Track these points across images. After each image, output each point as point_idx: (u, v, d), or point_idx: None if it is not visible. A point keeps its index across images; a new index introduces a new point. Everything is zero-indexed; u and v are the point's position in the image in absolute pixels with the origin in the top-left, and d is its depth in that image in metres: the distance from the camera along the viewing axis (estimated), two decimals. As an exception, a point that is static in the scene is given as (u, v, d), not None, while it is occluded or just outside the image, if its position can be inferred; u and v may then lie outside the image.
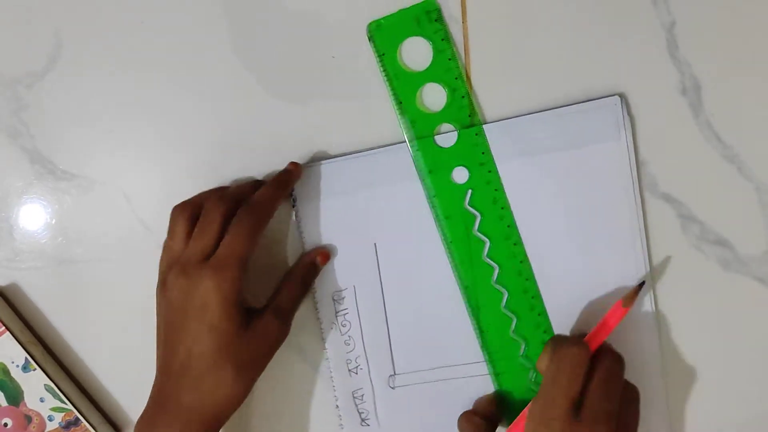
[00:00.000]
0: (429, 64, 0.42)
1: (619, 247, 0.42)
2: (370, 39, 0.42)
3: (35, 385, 0.45)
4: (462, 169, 0.42)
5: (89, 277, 0.46)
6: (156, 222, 0.45)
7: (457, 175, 0.42)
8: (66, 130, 0.45)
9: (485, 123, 0.42)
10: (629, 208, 0.41)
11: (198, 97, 0.44)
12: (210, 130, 0.44)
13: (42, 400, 0.45)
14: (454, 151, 0.42)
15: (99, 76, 0.44)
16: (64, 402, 0.45)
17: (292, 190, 0.43)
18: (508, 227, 0.42)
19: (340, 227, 0.44)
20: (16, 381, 0.45)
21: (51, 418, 0.46)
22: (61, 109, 0.45)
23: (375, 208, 0.43)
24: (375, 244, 0.43)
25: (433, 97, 0.42)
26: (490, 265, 0.42)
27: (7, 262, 0.47)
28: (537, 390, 0.38)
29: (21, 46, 0.45)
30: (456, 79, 0.42)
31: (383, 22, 0.42)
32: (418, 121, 0.42)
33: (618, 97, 0.41)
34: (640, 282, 0.40)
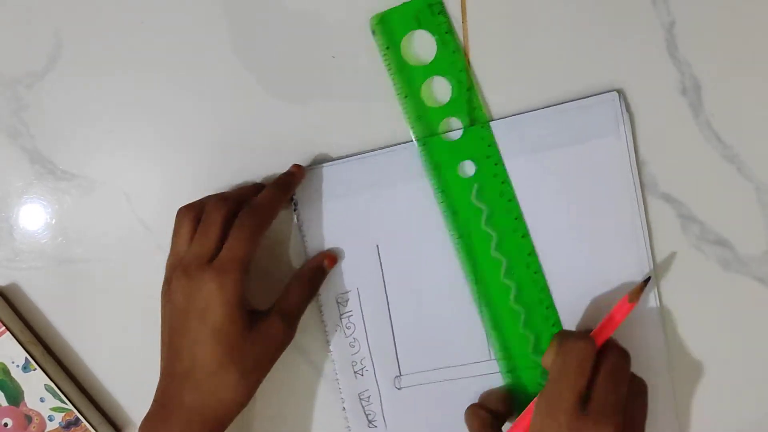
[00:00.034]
0: (433, 57, 0.42)
1: (622, 242, 0.42)
2: (373, 32, 0.42)
3: (35, 385, 0.45)
4: (469, 163, 0.42)
5: (89, 277, 0.46)
6: (156, 222, 0.45)
7: (463, 169, 0.42)
8: (66, 130, 0.45)
9: (488, 119, 0.42)
10: (630, 204, 0.41)
11: (198, 97, 0.44)
12: (210, 130, 0.44)
13: (42, 400, 0.45)
14: (461, 145, 0.42)
15: (99, 76, 0.44)
16: (65, 402, 0.45)
17: (293, 193, 0.43)
18: (516, 219, 0.42)
19: (342, 230, 0.44)
20: (16, 381, 0.45)
21: (51, 418, 0.46)
22: (61, 109, 0.45)
23: (376, 210, 0.43)
24: (377, 246, 0.43)
25: (438, 90, 0.42)
26: (498, 259, 0.42)
27: (7, 262, 0.47)
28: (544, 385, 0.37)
29: (21, 46, 0.45)
30: (461, 71, 0.42)
31: (386, 15, 0.42)
32: (424, 115, 0.42)
33: (616, 92, 0.41)
34: (645, 278, 0.40)
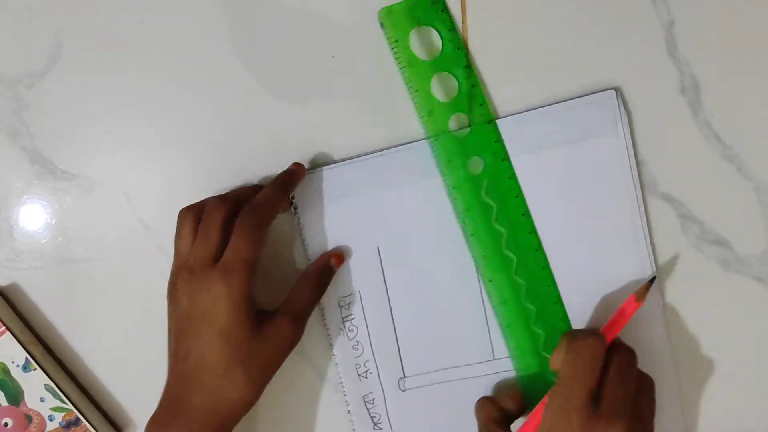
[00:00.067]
0: (439, 54, 0.42)
1: (622, 242, 0.42)
2: (381, 25, 0.42)
3: (35, 385, 0.45)
4: (477, 159, 0.42)
5: (89, 277, 0.46)
6: (156, 222, 0.45)
7: (473, 165, 0.42)
8: (66, 130, 0.45)
9: (494, 117, 0.42)
10: (630, 203, 0.41)
11: (198, 97, 0.44)
12: (210, 130, 0.44)
13: (42, 400, 0.45)
14: (469, 141, 0.42)
15: (99, 76, 0.44)
16: (65, 402, 0.45)
17: (293, 194, 0.43)
18: (523, 216, 0.42)
19: (343, 232, 0.43)
20: (16, 381, 0.45)
21: (51, 418, 0.46)
22: (61, 109, 0.45)
23: (376, 212, 0.43)
24: (378, 248, 0.43)
25: (445, 86, 0.42)
26: (509, 256, 0.42)
27: (7, 262, 0.47)
28: (552, 385, 0.37)
29: (21, 46, 0.44)
30: (465, 68, 0.42)
31: (394, 8, 0.41)
32: (434, 110, 0.42)
33: (613, 90, 0.41)
34: (650, 277, 0.40)
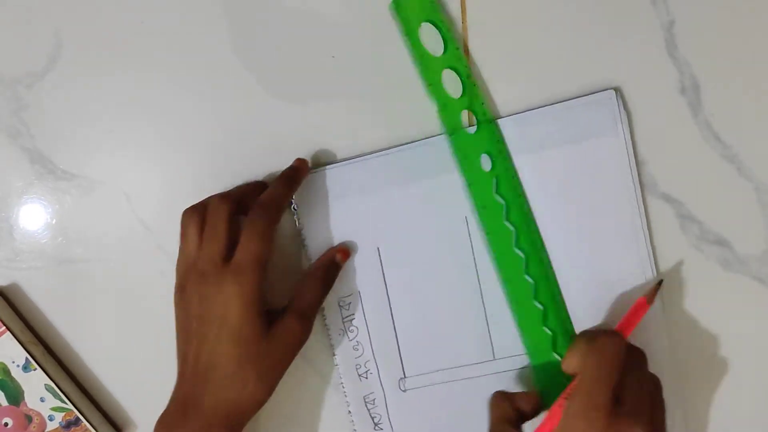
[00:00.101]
0: (443, 51, 0.42)
1: (622, 242, 0.42)
2: (396, 12, 0.41)
3: (36, 385, 0.45)
4: (486, 157, 0.42)
5: (89, 277, 0.46)
6: (156, 222, 0.45)
7: (483, 163, 0.42)
8: (66, 130, 0.45)
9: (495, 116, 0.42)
10: (630, 203, 0.41)
11: (198, 97, 0.44)
12: (210, 130, 0.44)
13: (42, 400, 0.45)
14: (478, 138, 0.42)
15: (99, 76, 0.44)
16: (65, 402, 0.45)
17: (299, 187, 0.43)
18: (527, 214, 0.42)
19: (342, 232, 0.43)
20: (16, 381, 0.45)
21: (51, 418, 0.46)
22: (61, 109, 0.45)
23: (376, 212, 0.43)
24: (378, 248, 0.43)
25: (452, 83, 0.42)
26: (519, 255, 0.42)
27: (7, 262, 0.47)
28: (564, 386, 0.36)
29: (21, 46, 0.44)
30: (465, 67, 0.42)
31: (400, 2, 0.41)
32: (447, 105, 0.42)
33: (613, 90, 0.41)
34: (658, 280, 0.40)
